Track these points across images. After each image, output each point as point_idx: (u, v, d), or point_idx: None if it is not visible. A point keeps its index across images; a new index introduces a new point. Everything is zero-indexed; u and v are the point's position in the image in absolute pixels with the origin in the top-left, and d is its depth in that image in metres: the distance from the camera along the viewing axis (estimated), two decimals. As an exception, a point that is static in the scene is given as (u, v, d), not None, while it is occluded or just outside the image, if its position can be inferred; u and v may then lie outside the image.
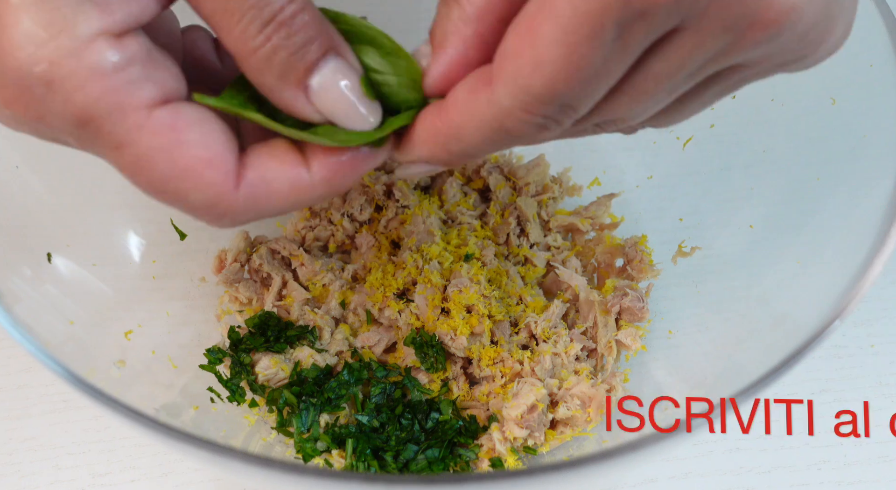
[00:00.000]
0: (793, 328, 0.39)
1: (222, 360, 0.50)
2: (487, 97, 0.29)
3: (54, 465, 0.51)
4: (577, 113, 0.29)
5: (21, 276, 0.43)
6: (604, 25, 0.26)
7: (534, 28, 0.27)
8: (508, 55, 0.28)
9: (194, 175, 0.30)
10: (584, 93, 0.28)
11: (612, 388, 0.49)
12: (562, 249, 0.55)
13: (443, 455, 0.47)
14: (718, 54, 0.28)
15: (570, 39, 0.26)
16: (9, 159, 0.46)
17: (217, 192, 0.30)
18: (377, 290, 0.52)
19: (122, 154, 0.29)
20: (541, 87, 0.28)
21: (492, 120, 0.29)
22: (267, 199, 0.31)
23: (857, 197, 0.43)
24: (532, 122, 0.29)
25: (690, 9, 0.26)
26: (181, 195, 0.30)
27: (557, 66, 0.27)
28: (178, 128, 0.29)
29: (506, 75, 0.28)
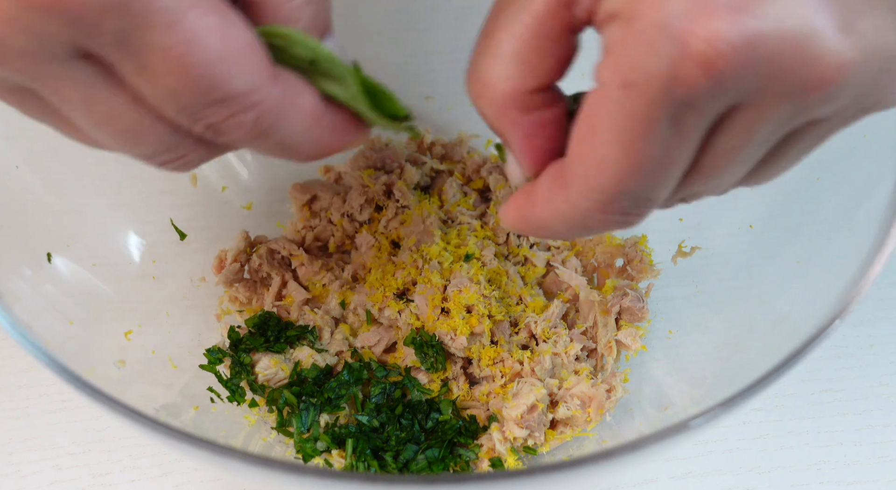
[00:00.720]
0: (793, 328, 0.39)
1: (222, 360, 0.50)
2: (564, 198, 0.30)
3: (54, 465, 0.51)
4: (653, 202, 0.30)
5: (21, 276, 0.43)
6: (653, 120, 0.26)
7: (591, 130, 0.28)
8: (575, 159, 0.29)
9: (241, 57, 0.29)
10: (652, 184, 0.29)
11: (612, 388, 0.49)
12: (562, 249, 0.55)
13: (443, 455, 0.47)
14: (784, 121, 0.28)
15: (625, 138, 0.27)
16: (9, 159, 0.46)
17: (258, 78, 0.29)
18: (377, 290, 0.52)
19: (172, 33, 0.27)
20: (609, 186, 0.28)
21: (573, 219, 0.31)
22: (294, 109, 0.31)
23: (857, 197, 0.43)
24: (611, 219, 0.30)
25: (737, 90, 0.26)
26: (223, 79, 0.28)
27: (620, 164, 0.28)
28: (223, 10, 0.28)
29: (576, 178, 0.29)
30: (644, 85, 0.26)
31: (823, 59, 0.25)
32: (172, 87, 0.28)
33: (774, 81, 0.26)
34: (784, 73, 0.26)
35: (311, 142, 0.33)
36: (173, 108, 0.29)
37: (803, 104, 0.27)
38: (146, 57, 0.27)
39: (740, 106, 0.27)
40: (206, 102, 0.29)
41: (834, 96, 0.27)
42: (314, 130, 0.32)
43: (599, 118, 0.27)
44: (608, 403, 0.48)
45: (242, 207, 0.57)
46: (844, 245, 0.41)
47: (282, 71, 0.31)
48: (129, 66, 0.28)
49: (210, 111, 0.29)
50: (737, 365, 0.44)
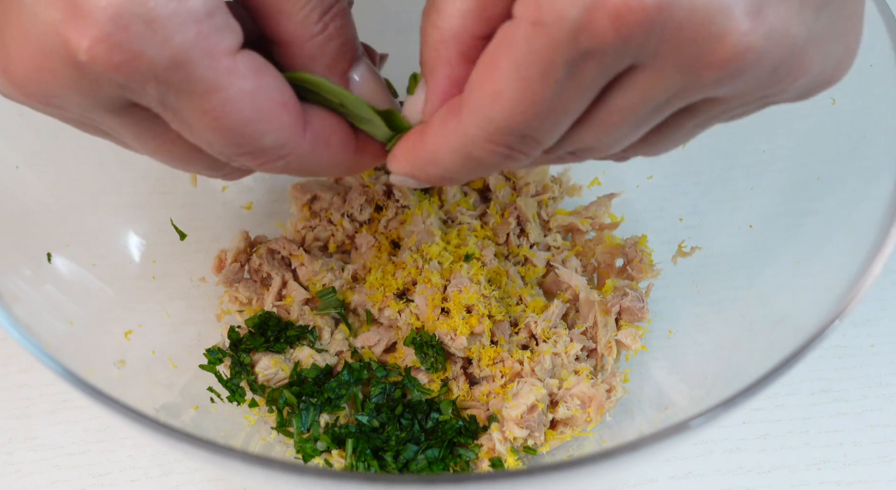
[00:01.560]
0: (793, 328, 0.39)
1: (222, 360, 0.50)
2: (455, 126, 0.31)
3: (54, 465, 0.51)
4: (540, 145, 0.30)
5: (21, 276, 0.43)
6: (554, 63, 0.27)
7: (494, 62, 0.28)
8: (473, 86, 0.30)
9: (272, 117, 0.31)
10: (543, 126, 0.29)
11: (612, 388, 0.49)
12: (562, 249, 0.55)
13: (443, 455, 0.47)
14: (680, 91, 0.28)
15: (524, 74, 0.27)
16: (9, 159, 0.46)
17: (289, 134, 0.32)
18: (377, 290, 0.52)
19: (210, 98, 0.29)
20: (500, 119, 0.29)
21: (460, 147, 0.31)
22: (325, 149, 0.34)
23: (857, 197, 0.43)
24: (497, 152, 0.30)
25: (640, 50, 0.26)
26: (256, 137, 0.31)
27: (514, 99, 0.28)
28: (259, 71, 0.30)
29: (470, 106, 0.30)
30: (553, 26, 0.26)
31: (727, 37, 0.26)
32: (209, 142, 0.31)
33: (676, 50, 0.26)
34: (687, 43, 0.26)
35: (340, 169, 0.35)
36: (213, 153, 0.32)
37: (698, 79, 0.27)
38: (185, 117, 0.30)
39: (639, 67, 0.27)
40: (239, 153, 0.31)
41: (730, 78, 0.27)
42: (343, 160, 0.35)
43: (504, 51, 0.28)
44: (608, 403, 0.48)
45: (242, 207, 0.57)
46: (844, 245, 0.41)
47: (312, 114, 0.33)
48: (172, 120, 0.31)
49: (244, 159, 0.32)
50: (737, 365, 0.44)
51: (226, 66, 0.29)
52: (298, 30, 0.32)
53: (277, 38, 0.32)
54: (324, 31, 0.32)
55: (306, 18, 0.32)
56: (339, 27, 0.33)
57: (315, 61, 0.33)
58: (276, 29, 0.32)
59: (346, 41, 0.33)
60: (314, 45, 0.32)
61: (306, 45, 0.32)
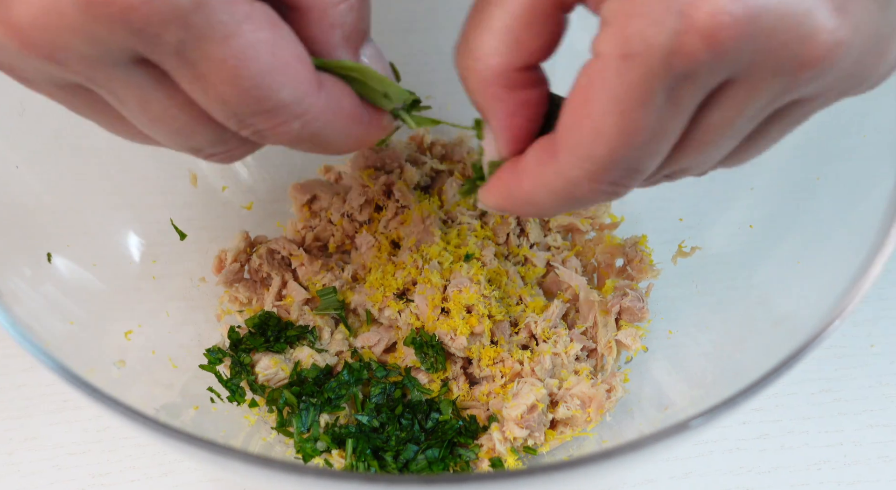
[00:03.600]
0: (793, 328, 0.39)
1: (222, 360, 0.50)
2: (555, 169, 0.31)
3: (54, 465, 0.51)
4: (642, 174, 0.30)
5: (21, 276, 0.43)
6: (651, 90, 0.27)
7: (587, 100, 0.28)
8: (568, 128, 0.29)
9: (290, 70, 0.30)
10: (644, 155, 0.29)
11: (612, 388, 0.49)
12: (562, 249, 0.55)
13: (443, 455, 0.47)
14: (776, 96, 0.28)
15: (622, 108, 0.27)
16: (9, 159, 0.46)
17: (305, 89, 0.31)
18: (377, 290, 0.52)
19: (229, 45, 0.28)
20: (602, 156, 0.29)
21: (562, 190, 0.31)
22: (336, 113, 0.33)
23: (857, 197, 0.43)
24: (600, 190, 0.30)
25: (735, 63, 0.26)
26: (273, 90, 0.30)
27: (614, 133, 0.28)
28: (276, 23, 0.30)
29: (568, 147, 0.30)
30: (645, 55, 0.26)
31: (818, 36, 0.26)
32: (224, 96, 0.29)
33: (770, 56, 0.26)
34: (780, 48, 0.26)
35: (349, 139, 0.35)
36: (223, 115, 0.31)
37: (794, 80, 0.28)
38: (202, 67, 0.28)
39: (734, 81, 0.28)
40: (255, 111, 0.30)
41: (824, 74, 0.27)
42: (353, 129, 0.34)
43: (596, 88, 0.28)
44: (608, 403, 0.48)
45: (242, 207, 0.57)
46: (844, 245, 0.41)
47: (325, 77, 0.32)
48: (185, 75, 0.29)
49: (258, 119, 0.31)
50: (737, 365, 0.44)
51: (245, 12, 0.28)
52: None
53: (296, 3, 0.31)
54: (344, 2, 0.32)
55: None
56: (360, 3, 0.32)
57: (333, 30, 0.32)
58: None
59: (364, 16, 0.33)
60: (336, 14, 0.32)
61: (328, 12, 0.32)
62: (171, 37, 0.27)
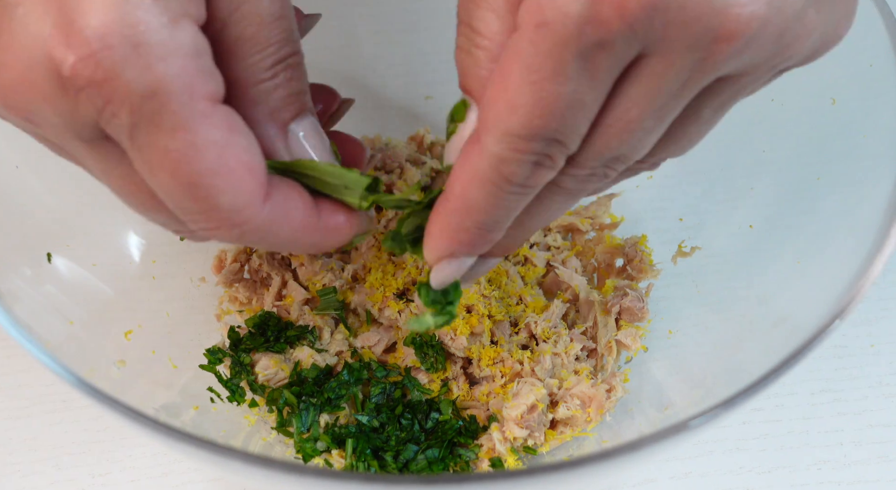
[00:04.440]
0: (793, 328, 0.39)
1: (222, 360, 0.50)
2: (478, 150, 0.30)
3: (54, 465, 0.51)
4: (566, 147, 0.30)
5: (21, 276, 0.43)
6: (564, 60, 0.27)
7: (504, 73, 0.28)
8: (488, 105, 0.29)
9: (234, 177, 0.30)
10: (564, 125, 0.29)
11: (612, 388, 0.49)
12: (562, 249, 0.55)
13: (443, 455, 0.47)
14: (694, 72, 0.28)
15: (535, 77, 0.27)
16: (9, 159, 0.46)
17: (247, 200, 0.31)
18: (377, 290, 0.52)
19: (175, 138, 0.28)
20: (520, 126, 0.29)
21: (488, 171, 0.31)
22: (282, 223, 0.33)
23: (857, 197, 0.43)
24: (524, 161, 0.30)
25: (647, 34, 0.27)
26: (212, 193, 0.30)
27: (529, 104, 0.28)
28: (234, 128, 0.30)
29: (489, 124, 0.30)
30: (558, 24, 0.26)
31: (731, 9, 0.26)
32: (165, 186, 0.30)
33: (682, 29, 0.27)
34: (693, 21, 0.26)
35: (301, 247, 0.34)
36: (169, 205, 0.31)
37: (709, 55, 0.27)
38: (148, 153, 0.29)
39: (649, 54, 0.28)
40: (194, 210, 0.30)
41: (740, 50, 0.27)
42: (304, 238, 0.34)
43: (512, 61, 0.28)
44: (608, 403, 0.48)
45: (242, 207, 0.57)
46: (844, 245, 0.41)
47: (277, 186, 0.32)
48: (136, 157, 0.30)
49: (198, 218, 0.31)
50: (737, 365, 0.44)
51: (201, 110, 0.29)
52: (248, 73, 0.31)
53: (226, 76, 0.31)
54: (272, 79, 0.32)
55: (257, 64, 0.31)
56: (289, 78, 0.33)
57: (257, 106, 0.32)
58: (228, 69, 0.31)
59: (293, 93, 0.33)
60: (259, 91, 0.32)
61: (251, 90, 0.32)
62: (125, 118, 0.28)
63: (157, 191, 0.31)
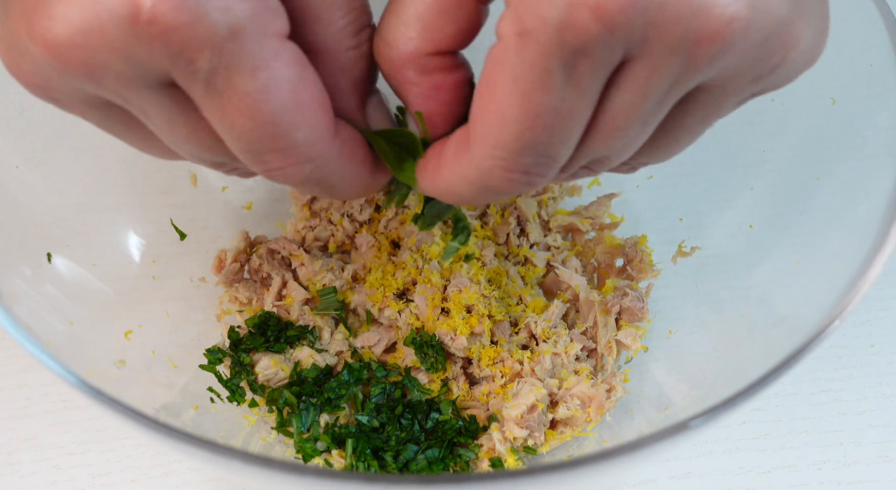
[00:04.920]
0: (793, 328, 0.39)
1: (222, 360, 0.50)
2: (468, 159, 0.31)
3: (54, 465, 0.51)
4: (555, 161, 0.30)
5: (21, 276, 0.43)
6: (549, 69, 0.27)
7: (491, 86, 0.28)
8: (476, 117, 0.29)
9: (308, 111, 0.30)
10: (553, 139, 0.29)
11: (612, 388, 0.49)
12: (562, 249, 0.55)
13: (443, 455, 0.47)
14: (678, 76, 0.28)
15: (522, 88, 0.27)
16: (9, 159, 0.46)
17: (320, 134, 0.31)
18: (377, 290, 0.52)
19: (255, 78, 0.28)
20: (510, 142, 0.29)
21: (476, 180, 0.31)
22: (350, 159, 0.33)
23: (857, 197, 0.43)
24: (513, 179, 0.30)
25: (628, 38, 0.26)
26: (288, 130, 0.30)
27: (518, 117, 0.28)
28: (303, 64, 0.29)
29: (478, 136, 0.29)
30: (538, 32, 0.26)
31: (711, 10, 0.26)
32: (241, 129, 0.29)
33: (664, 32, 0.26)
34: (673, 22, 0.26)
35: (357, 188, 0.35)
36: (238, 148, 0.31)
37: (692, 58, 0.27)
38: (226, 97, 0.28)
39: (633, 59, 0.27)
40: (268, 148, 0.30)
41: (723, 53, 0.27)
42: (363, 179, 0.34)
43: (497, 72, 0.28)
44: (608, 403, 0.48)
45: (242, 207, 0.57)
46: (844, 245, 0.41)
47: (342, 125, 0.32)
48: (208, 104, 0.29)
49: (271, 157, 0.31)
50: (737, 365, 0.44)
51: (274, 48, 0.28)
52: (335, 38, 0.31)
53: (311, 46, 0.31)
54: (358, 48, 0.32)
55: (345, 29, 0.31)
56: (370, 50, 0.33)
57: (343, 75, 0.32)
58: (312, 35, 0.31)
59: (373, 65, 0.33)
60: (348, 58, 0.32)
61: (341, 56, 0.32)
62: (205, 62, 0.27)
63: (229, 133, 0.30)
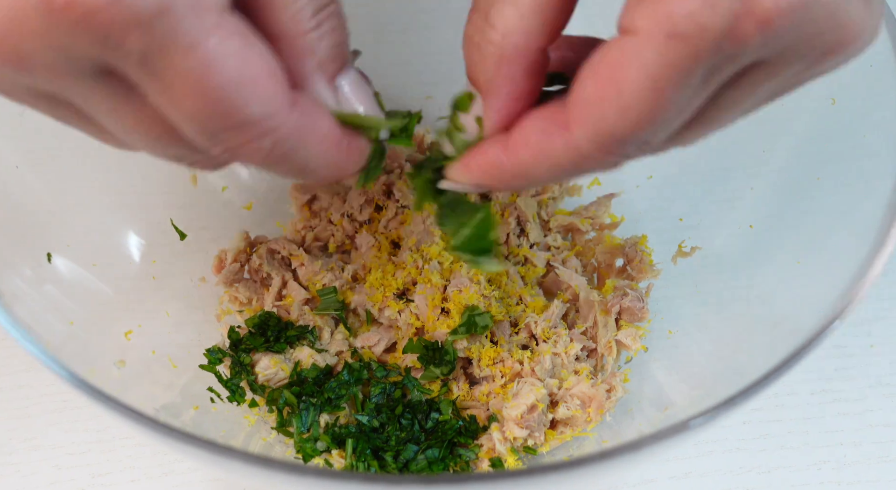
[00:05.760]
0: (793, 328, 0.39)
1: (222, 360, 0.50)
2: (564, 141, 0.30)
3: (54, 465, 0.51)
4: (651, 147, 0.30)
5: (21, 276, 0.43)
6: (693, 71, 0.26)
7: (618, 75, 0.27)
8: (591, 102, 0.29)
9: (259, 83, 0.28)
10: (662, 131, 0.29)
11: (612, 388, 0.49)
12: (562, 249, 0.55)
13: (443, 455, 0.47)
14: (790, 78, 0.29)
15: (658, 85, 0.27)
16: (9, 159, 0.46)
17: (275, 106, 0.29)
18: (377, 290, 0.52)
19: (193, 55, 0.27)
20: (625, 131, 0.28)
21: (568, 162, 0.30)
22: (311, 132, 0.31)
23: (857, 197, 0.43)
24: (608, 162, 0.30)
25: (775, 47, 0.27)
26: (239, 104, 0.28)
27: (644, 111, 0.27)
28: (246, 35, 0.28)
29: (587, 121, 0.29)
30: (694, 38, 0.26)
31: (849, 26, 0.27)
32: (190, 110, 0.28)
33: (805, 43, 0.27)
34: (816, 35, 0.27)
35: (327, 166, 0.33)
36: (191, 130, 0.29)
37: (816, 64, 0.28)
38: (166, 78, 0.27)
39: (763, 62, 0.28)
40: (222, 126, 0.29)
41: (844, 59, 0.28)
42: (331, 154, 0.33)
43: (630, 64, 0.27)
44: (608, 403, 0.48)
45: (242, 207, 0.57)
46: (844, 245, 0.41)
47: (300, 96, 0.31)
48: (151, 87, 0.28)
49: (226, 135, 0.29)
50: (737, 365, 0.44)
51: (213, 22, 0.27)
52: (291, 23, 0.30)
53: (268, 31, 0.30)
54: (317, 28, 0.31)
55: (300, 12, 0.30)
56: (333, 27, 0.31)
57: (304, 58, 0.31)
58: (267, 22, 0.30)
59: (339, 43, 0.32)
60: (306, 42, 0.30)
61: (298, 41, 0.30)
62: (134, 44, 0.26)
63: (178, 117, 0.29)
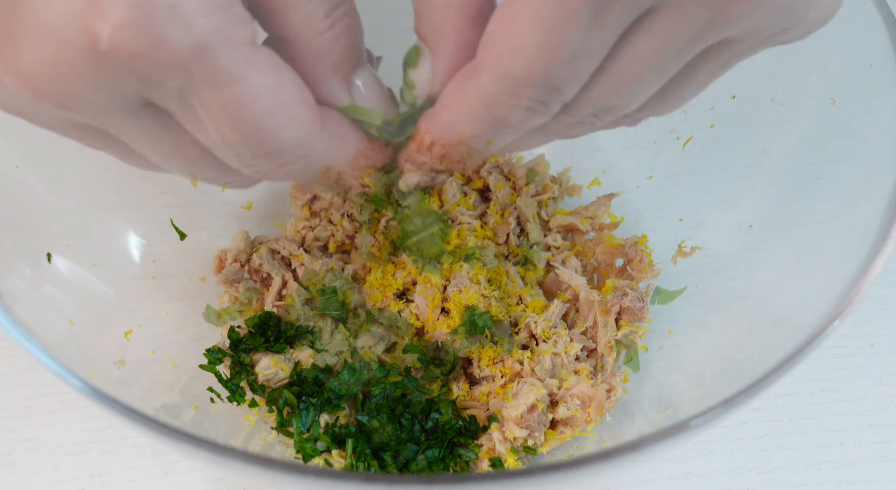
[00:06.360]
0: (793, 328, 0.39)
1: (222, 360, 0.50)
2: (474, 87, 0.30)
3: (54, 465, 0.51)
4: (563, 95, 0.30)
5: (21, 276, 0.43)
6: (578, 7, 0.26)
7: (511, 14, 0.28)
8: (489, 43, 0.29)
9: (292, 112, 0.30)
10: (566, 73, 0.29)
11: (612, 388, 0.49)
12: (562, 249, 0.55)
13: (443, 455, 0.47)
14: (702, 30, 0.28)
15: (546, 23, 0.27)
16: (9, 159, 0.46)
17: (308, 131, 0.31)
18: (377, 290, 0.52)
19: (231, 90, 0.28)
20: (522, 71, 0.28)
21: (481, 108, 0.31)
22: (342, 146, 0.33)
23: (857, 197, 0.43)
24: (519, 106, 0.30)
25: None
26: (275, 132, 0.30)
27: (536, 49, 0.28)
28: (277, 67, 0.30)
29: (488, 63, 0.29)
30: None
31: None
32: (228, 140, 0.30)
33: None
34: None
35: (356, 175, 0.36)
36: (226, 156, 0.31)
37: (722, 13, 0.27)
38: (205, 111, 0.29)
39: (662, 7, 0.27)
40: (256, 153, 0.30)
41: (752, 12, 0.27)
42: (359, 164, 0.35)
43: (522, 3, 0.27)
44: (608, 403, 0.48)
45: (242, 207, 0.57)
46: (844, 245, 0.41)
47: (329, 114, 0.32)
48: (188, 118, 0.29)
49: (260, 161, 0.31)
50: (737, 365, 0.44)
51: (246, 57, 0.28)
52: (305, 25, 0.31)
53: (282, 35, 0.31)
54: (331, 29, 0.31)
55: (313, 13, 0.31)
56: (347, 27, 0.32)
57: (320, 60, 0.32)
58: (282, 25, 0.31)
59: (353, 43, 0.33)
60: (321, 43, 0.31)
61: (313, 42, 0.31)
62: (174, 83, 0.27)
63: (215, 145, 0.30)
